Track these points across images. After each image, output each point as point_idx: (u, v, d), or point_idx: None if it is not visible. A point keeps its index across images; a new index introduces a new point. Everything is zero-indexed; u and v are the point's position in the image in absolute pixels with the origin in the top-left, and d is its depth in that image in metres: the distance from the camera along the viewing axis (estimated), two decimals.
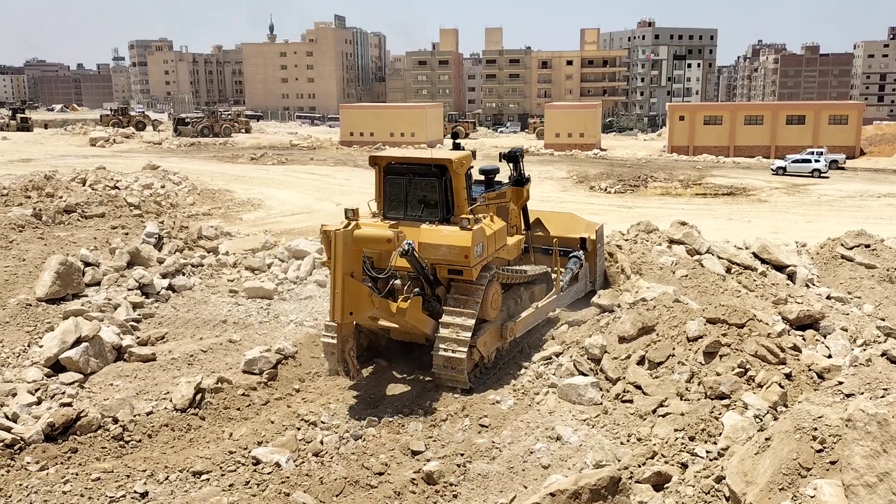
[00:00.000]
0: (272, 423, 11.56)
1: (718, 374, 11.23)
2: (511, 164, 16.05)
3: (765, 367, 11.27)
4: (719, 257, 19.01)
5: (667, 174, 54.24)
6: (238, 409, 12.14)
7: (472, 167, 13.97)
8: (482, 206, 14.05)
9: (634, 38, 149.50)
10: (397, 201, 13.59)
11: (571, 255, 16.47)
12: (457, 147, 14.75)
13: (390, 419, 11.88)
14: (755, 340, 11.68)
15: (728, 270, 18.60)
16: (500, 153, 16.03)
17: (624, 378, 12.11)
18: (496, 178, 15.56)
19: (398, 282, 13.00)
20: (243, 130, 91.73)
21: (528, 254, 16.23)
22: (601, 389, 12.12)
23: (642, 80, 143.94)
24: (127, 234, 22.13)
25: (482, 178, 15.21)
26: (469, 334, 12.71)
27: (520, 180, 16.00)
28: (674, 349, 12.16)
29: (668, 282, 17.14)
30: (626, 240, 19.75)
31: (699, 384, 11.28)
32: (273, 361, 13.53)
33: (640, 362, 12.28)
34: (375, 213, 13.83)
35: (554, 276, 15.80)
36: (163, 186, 38.48)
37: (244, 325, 16.24)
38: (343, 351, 12.08)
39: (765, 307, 15.99)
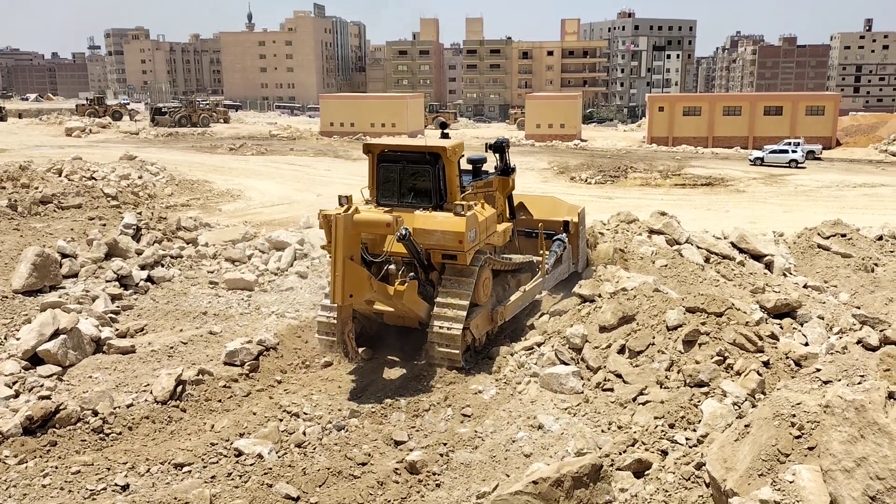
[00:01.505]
0: (254, 414, 11.51)
1: (697, 363, 11.34)
2: (497, 155, 16.26)
3: (743, 355, 11.40)
4: (698, 247, 19.17)
5: (646, 165, 54.52)
6: (219, 400, 12.09)
7: (463, 156, 14.16)
8: (471, 195, 14.36)
9: (614, 28, 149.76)
10: (391, 188, 13.83)
11: (555, 238, 16.67)
12: (445, 137, 14.90)
13: (373, 409, 11.89)
14: (733, 329, 11.80)
15: (707, 260, 18.76)
16: (487, 143, 16.21)
17: (605, 367, 12.20)
18: (483, 168, 15.76)
19: (392, 267, 13.20)
20: (222, 120, 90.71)
21: (513, 239, 16.39)
22: (582, 378, 12.21)
23: (622, 70, 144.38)
24: (104, 225, 21.88)
25: (469, 167, 15.43)
26: (463, 316, 13.08)
27: (506, 170, 16.21)
28: (654, 338, 12.26)
29: (648, 271, 17.25)
30: (608, 230, 19.85)
31: (678, 372, 11.39)
32: (254, 353, 13.48)
33: (621, 351, 12.38)
34: (368, 200, 14.05)
35: (539, 258, 15.99)
36: (140, 177, 38.06)
37: (225, 317, 16.14)
38: (343, 333, 12.40)
39: (743, 296, 16.15)
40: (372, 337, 14.66)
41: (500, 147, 16.20)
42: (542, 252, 15.83)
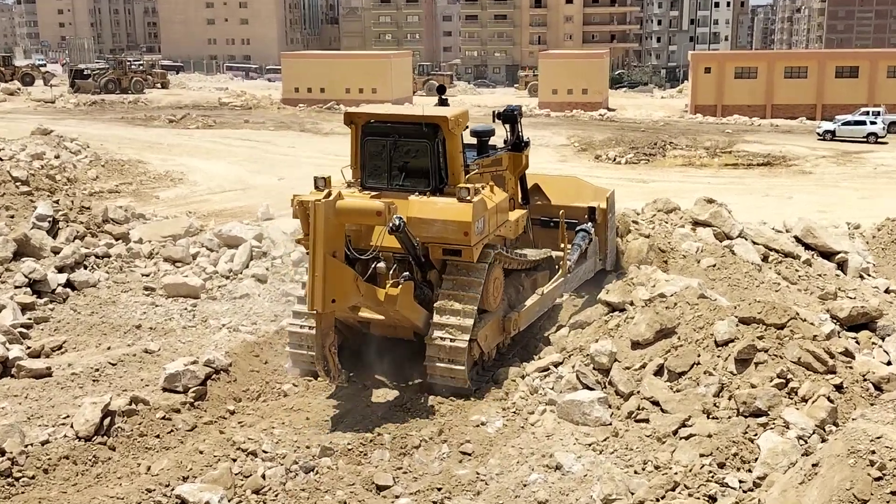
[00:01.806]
0: (201, 453, 11.51)
1: (753, 387, 11.38)
2: (507, 126, 16.23)
3: (810, 376, 11.44)
4: (754, 242, 19.23)
5: (689, 140, 54.71)
6: (157, 436, 12.08)
7: (467, 127, 14.19)
8: (476, 175, 14.29)
9: None
10: (379, 168, 13.87)
11: (579, 228, 16.64)
12: (443, 104, 14.89)
13: (350, 446, 11.90)
14: (798, 344, 11.84)
15: (765, 259, 18.83)
16: (495, 112, 16.19)
17: (638, 392, 12.23)
18: (490, 142, 15.75)
19: (382, 265, 13.21)
20: (159, 85, 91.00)
21: (526, 230, 16.40)
22: (610, 407, 12.23)
23: (659, 22, 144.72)
24: (12, 217, 21.81)
25: (474, 140, 15.47)
26: (470, 324, 13.12)
27: (518, 144, 16.23)
28: (699, 356, 12.30)
29: (692, 273, 17.31)
30: (642, 221, 19.87)
31: (730, 398, 11.43)
32: (201, 376, 13.46)
33: (658, 372, 12.41)
34: (351, 182, 14.03)
35: (559, 254, 15.99)
36: (57, 156, 37.93)
37: (164, 332, 16.16)
38: (323, 346, 12.26)
39: (810, 303, 16.23)
40: (355, 352, 14.66)
41: (510, 117, 16.18)
42: (562, 246, 15.85)
